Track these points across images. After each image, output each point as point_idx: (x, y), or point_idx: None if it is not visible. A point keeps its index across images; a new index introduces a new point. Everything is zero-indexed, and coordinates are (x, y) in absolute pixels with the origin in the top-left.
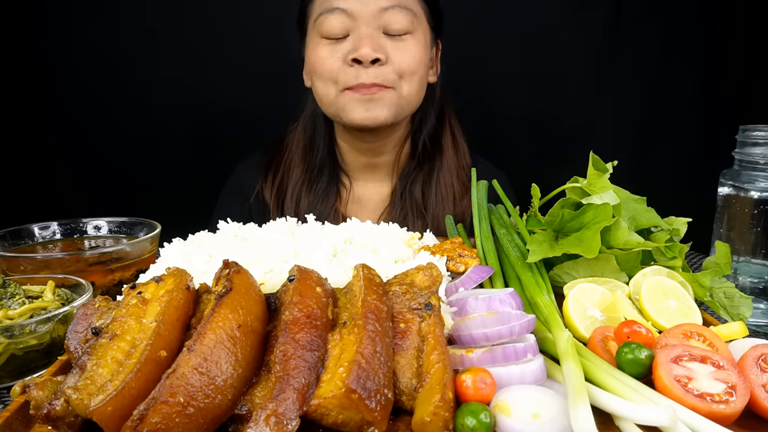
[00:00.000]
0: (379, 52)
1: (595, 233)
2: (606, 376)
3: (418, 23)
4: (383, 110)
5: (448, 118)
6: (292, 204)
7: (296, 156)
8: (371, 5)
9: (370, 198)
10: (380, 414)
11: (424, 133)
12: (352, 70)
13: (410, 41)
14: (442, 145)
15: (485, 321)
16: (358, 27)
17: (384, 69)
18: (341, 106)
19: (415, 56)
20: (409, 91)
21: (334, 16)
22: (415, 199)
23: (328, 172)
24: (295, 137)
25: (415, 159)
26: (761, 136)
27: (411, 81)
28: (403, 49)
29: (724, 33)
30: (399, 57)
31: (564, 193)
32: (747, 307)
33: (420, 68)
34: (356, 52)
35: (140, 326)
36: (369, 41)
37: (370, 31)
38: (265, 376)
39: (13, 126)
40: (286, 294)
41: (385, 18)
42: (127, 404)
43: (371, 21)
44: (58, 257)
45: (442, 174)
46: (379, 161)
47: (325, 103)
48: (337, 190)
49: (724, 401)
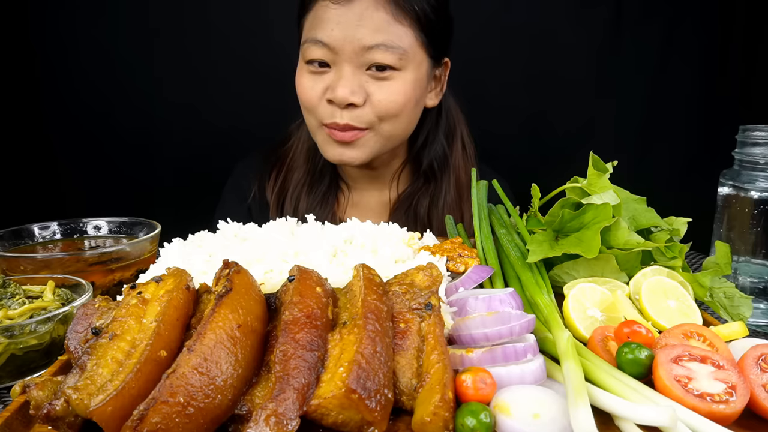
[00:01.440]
0: (356, 95)
1: (595, 233)
2: (606, 376)
3: (408, 59)
4: (358, 152)
5: (460, 136)
6: (291, 204)
7: (300, 156)
8: (354, 43)
9: (368, 204)
10: (380, 414)
11: (431, 155)
12: (329, 108)
13: (396, 81)
14: (451, 163)
15: (485, 321)
16: (340, 62)
17: (361, 111)
18: (319, 141)
19: (398, 98)
20: (390, 130)
21: (317, 47)
22: (420, 218)
23: (330, 177)
24: (301, 137)
25: (420, 176)
26: (761, 136)
27: (393, 121)
28: (387, 89)
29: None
30: (380, 98)
31: (564, 193)
32: (747, 307)
33: (405, 107)
34: (332, 92)
35: (140, 326)
36: (346, 82)
37: (351, 69)
38: (265, 376)
39: (13, 126)
40: (286, 294)
41: (368, 56)
42: (127, 404)
43: (354, 58)
44: (58, 257)
45: (449, 195)
46: (377, 173)
47: (310, 130)
48: (336, 196)
49: (724, 401)
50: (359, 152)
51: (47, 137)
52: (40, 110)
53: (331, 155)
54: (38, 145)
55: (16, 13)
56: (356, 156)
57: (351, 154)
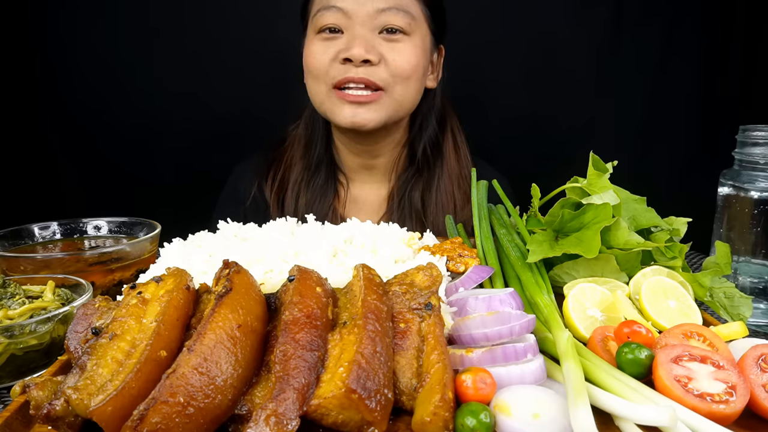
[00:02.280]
0: (371, 53)
1: (595, 233)
2: (606, 376)
3: (416, 26)
4: (372, 114)
5: (450, 125)
6: (292, 201)
7: (297, 153)
8: (368, 5)
9: (366, 199)
10: (380, 414)
11: (425, 140)
12: (342, 67)
13: (407, 43)
14: (444, 152)
15: (485, 321)
16: (353, 26)
17: (376, 69)
18: (330, 106)
19: (411, 59)
20: (403, 94)
21: (330, 13)
22: (414, 206)
23: (326, 170)
24: (297, 135)
25: (414, 165)
26: (761, 136)
27: (405, 84)
28: (399, 51)
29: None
30: (393, 58)
31: (564, 193)
32: (747, 307)
33: (416, 72)
34: (348, 51)
35: (140, 326)
36: (362, 41)
37: (364, 31)
38: (265, 376)
39: (13, 126)
40: (286, 294)
41: (381, 19)
42: (127, 404)
43: (367, 21)
44: (58, 257)
45: (442, 182)
46: (376, 163)
47: (316, 102)
48: (335, 189)
49: (724, 401)
50: (373, 114)
51: (47, 137)
52: (40, 110)
53: (343, 117)
54: (38, 145)
55: (16, 13)
56: (370, 118)
57: (364, 115)
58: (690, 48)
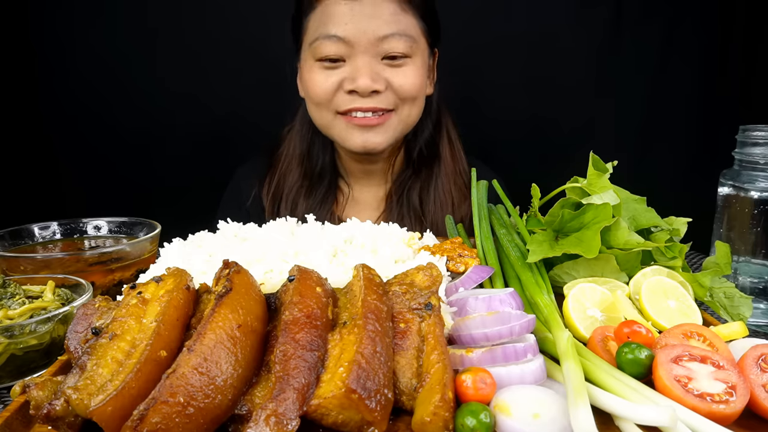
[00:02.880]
0: (377, 82)
1: (595, 233)
2: (606, 376)
3: (417, 46)
4: (381, 137)
5: (445, 126)
6: (287, 208)
7: (293, 161)
8: (368, 33)
9: (365, 200)
10: (380, 414)
11: (421, 142)
12: (348, 96)
13: (410, 66)
14: (440, 152)
15: (485, 321)
16: (355, 55)
17: (383, 96)
18: (338, 132)
19: (415, 81)
20: (409, 114)
21: (331, 42)
22: (413, 205)
23: (329, 179)
24: (291, 142)
25: (410, 166)
26: (761, 136)
27: (411, 104)
28: (403, 75)
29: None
30: (400, 83)
31: (564, 193)
32: (747, 307)
33: (421, 91)
34: (354, 83)
35: (140, 326)
36: (366, 71)
37: (367, 59)
38: (265, 376)
39: (13, 126)
40: (286, 294)
41: (383, 46)
42: (127, 404)
43: (369, 49)
44: (58, 257)
45: (440, 180)
46: (374, 167)
47: (321, 127)
48: (335, 196)
49: (724, 401)
50: (383, 137)
51: (47, 137)
52: (40, 110)
53: (354, 144)
54: (38, 145)
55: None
56: (380, 141)
57: (374, 139)
58: (690, 48)
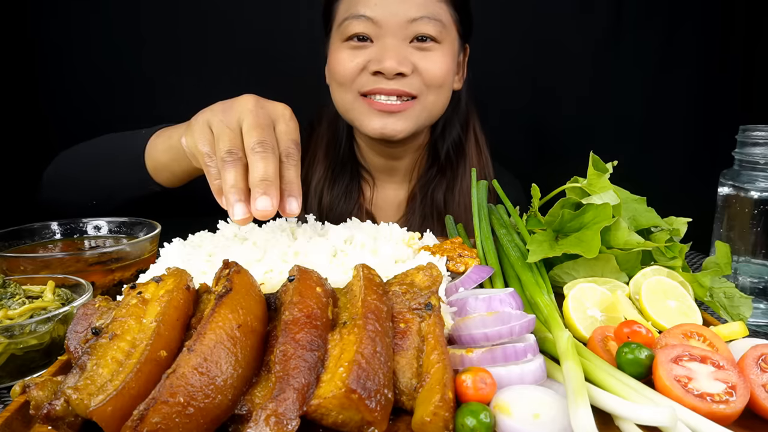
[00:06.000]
0: (404, 65)
1: (595, 233)
2: (606, 376)
3: (446, 33)
4: (402, 124)
5: (473, 127)
6: (315, 200)
7: (320, 152)
8: (399, 15)
9: (386, 199)
10: (380, 414)
11: (448, 141)
12: (373, 78)
13: (438, 52)
14: (467, 153)
15: (485, 321)
16: (384, 36)
17: (409, 80)
18: (357, 115)
19: (443, 67)
20: (435, 101)
21: (359, 22)
22: (437, 206)
23: (351, 169)
24: (320, 133)
25: (436, 165)
26: (761, 136)
27: (437, 92)
28: (431, 60)
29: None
30: (426, 67)
31: (564, 193)
32: (747, 307)
33: (447, 79)
34: (380, 64)
35: (140, 326)
36: (394, 53)
37: (396, 41)
38: (265, 376)
39: (13, 125)
40: (286, 294)
41: (412, 28)
42: (127, 404)
43: (398, 31)
44: (58, 257)
45: (465, 181)
46: (397, 164)
47: (341, 109)
48: (360, 188)
49: (724, 401)
50: (403, 124)
51: (47, 137)
52: (41, 109)
53: (372, 128)
54: (38, 144)
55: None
56: (400, 128)
57: (394, 126)
58: (690, 48)
